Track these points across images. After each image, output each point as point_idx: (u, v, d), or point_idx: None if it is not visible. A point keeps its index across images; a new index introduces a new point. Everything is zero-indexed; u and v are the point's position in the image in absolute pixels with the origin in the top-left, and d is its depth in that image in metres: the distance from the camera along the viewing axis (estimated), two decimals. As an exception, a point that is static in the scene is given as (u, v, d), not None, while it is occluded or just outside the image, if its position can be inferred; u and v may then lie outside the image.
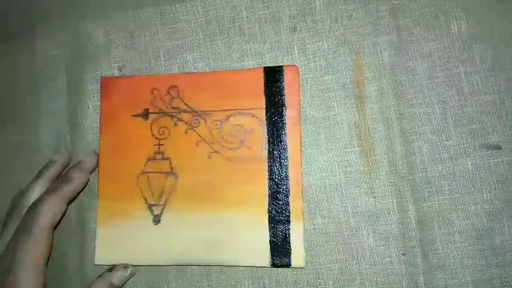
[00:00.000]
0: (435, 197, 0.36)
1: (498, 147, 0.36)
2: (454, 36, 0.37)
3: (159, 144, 0.38)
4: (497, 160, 0.36)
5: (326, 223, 0.37)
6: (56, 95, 0.41)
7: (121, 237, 0.37)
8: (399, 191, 0.36)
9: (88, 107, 0.40)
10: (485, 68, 0.37)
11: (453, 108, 0.37)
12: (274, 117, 0.37)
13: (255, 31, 0.39)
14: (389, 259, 0.36)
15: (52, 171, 0.38)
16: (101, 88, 0.39)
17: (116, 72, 0.40)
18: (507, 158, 0.36)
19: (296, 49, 0.39)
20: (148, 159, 0.38)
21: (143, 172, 0.38)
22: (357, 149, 0.37)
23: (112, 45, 0.41)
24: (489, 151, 0.36)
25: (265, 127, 0.37)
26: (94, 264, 0.37)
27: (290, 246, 0.36)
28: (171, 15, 0.40)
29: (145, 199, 0.37)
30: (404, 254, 0.36)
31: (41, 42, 0.42)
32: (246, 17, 0.40)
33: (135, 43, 0.40)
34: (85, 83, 0.41)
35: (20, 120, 0.41)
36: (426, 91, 0.37)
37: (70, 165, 0.39)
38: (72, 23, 0.42)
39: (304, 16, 0.39)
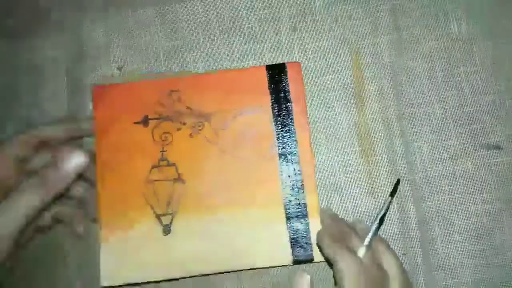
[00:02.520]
0: (435, 197, 0.36)
1: (498, 147, 0.36)
2: (454, 36, 0.37)
3: (163, 151, 0.37)
4: (497, 160, 0.36)
5: (326, 223, 0.37)
6: (56, 95, 0.41)
7: (128, 253, 0.35)
8: (399, 191, 0.36)
9: (88, 107, 0.40)
10: (485, 68, 0.37)
11: (453, 108, 0.37)
12: (281, 114, 0.37)
13: (255, 31, 0.39)
14: (389, 259, 0.36)
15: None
16: (92, 98, 0.38)
17: (116, 72, 0.40)
18: (507, 158, 0.36)
19: (296, 48, 0.39)
20: (153, 167, 0.36)
21: (148, 181, 0.36)
22: (357, 149, 0.37)
23: (112, 45, 0.41)
24: (489, 151, 0.36)
25: (273, 124, 0.37)
26: (101, 286, 0.35)
27: (310, 241, 0.35)
28: (171, 15, 0.40)
29: (152, 209, 0.36)
30: (405, 254, 0.36)
31: (41, 42, 0.42)
32: (246, 17, 0.40)
33: (135, 43, 0.40)
34: (85, 83, 0.40)
35: (20, 120, 0.41)
36: (426, 91, 0.37)
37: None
38: (72, 23, 0.41)
39: (304, 16, 0.39)
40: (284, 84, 0.37)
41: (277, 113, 0.37)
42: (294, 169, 0.36)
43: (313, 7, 0.39)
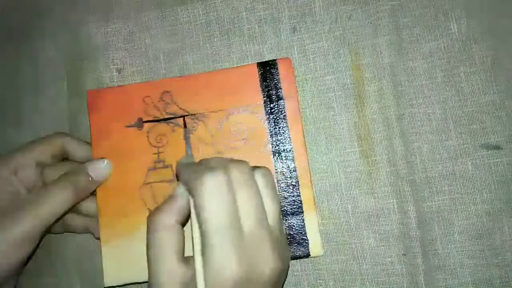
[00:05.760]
0: (435, 197, 0.36)
1: (498, 147, 0.36)
2: (454, 36, 0.37)
3: (158, 153, 0.37)
4: (497, 160, 0.36)
5: (327, 223, 0.37)
6: (56, 96, 0.41)
7: (130, 254, 0.35)
8: (399, 191, 0.36)
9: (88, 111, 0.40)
10: (485, 68, 0.37)
11: (453, 108, 0.37)
12: (273, 111, 0.37)
13: (255, 32, 0.39)
14: (389, 259, 0.36)
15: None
16: (88, 102, 0.38)
17: (115, 74, 0.40)
18: (507, 158, 0.36)
19: (296, 49, 0.39)
20: (149, 169, 0.37)
21: (145, 183, 0.36)
22: (357, 149, 0.37)
23: (111, 47, 0.41)
24: (489, 151, 0.36)
25: (266, 122, 0.37)
26: (105, 287, 0.36)
27: (306, 236, 0.35)
28: (172, 17, 0.40)
29: (150, 211, 0.35)
30: (405, 255, 0.36)
31: (42, 43, 0.42)
32: (246, 18, 0.40)
33: (135, 45, 0.40)
34: (85, 84, 0.41)
35: (20, 121, 0.42)
36: (426, 91, 0.37)
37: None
38: (72, 24, 0.42)
39: (303, 17, 0.39)
40: (275, 81, 0.37)
41: (269, 110, 0.37)
42: (289, 166, 0.36)
43: (312, 8, 0.39)
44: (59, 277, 0.39)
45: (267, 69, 0.37)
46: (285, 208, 0.36)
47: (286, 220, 0.36)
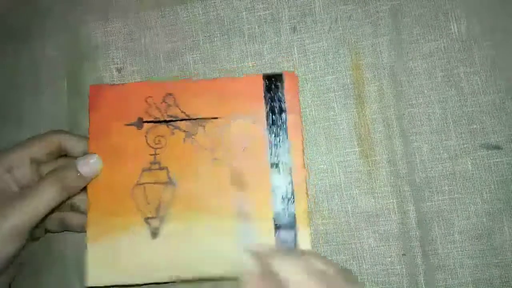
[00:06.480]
0: (435, 197, 0.36)
1: (498, 147, 0.36)
2: (454, 36, 0.37)
3: (155, 154, 0.36)
4: (497, 160, 0.36)
5: (326, 223, 0.37)
6: (56, 96, 0.41)
7: (116, 255, 0.35)
8: (399, 191, 0.36)
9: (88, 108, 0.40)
10: (485, 68, 0.37)
11: (453, 108, 0.37)
12: (275, 123, 0.37)
13: (255, 32, 0.39)
14: (389, 259, 0.36)
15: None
16: (89, 97, 0.37)
17: (115, 74, 0.40)
18: (507, 158, 0.36)
19: (295, 49, 0.39)
20: (143, 170, 0.36)
21: (138, 184, 0.36)
22: (357, 149, 0.37)
23: (111, 47, 0.41)
24: (489, 151, 0.36)
25: (267, 134, 0.36)
26: (86, 287, 0.35)
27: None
28: (172, 16, 0.40)
29: (141, 212, 0.35)
30: (405, 255, 0.36)
31: (41, 43, 0.42)
32: (246, 18, 0.40)
33: (135, 45, 0.40)
34: (85, 84, 0.40)
35: (20, 120, 0.42)
36: (426, 91, 0.37)
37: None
38: (72, 24, 0.42)
39: (304, 17, 0.39)
40: (280, 94, 0.37)
41: (271, 122, 0.37)
42: (286, 179, 0.36)
43: (313, 8, 0.39)
44: (59, 276, 0.39)
45: (272, 81, 0.37)
46: (278, 221, 0.35)
47: (278, 233, 0.35)
